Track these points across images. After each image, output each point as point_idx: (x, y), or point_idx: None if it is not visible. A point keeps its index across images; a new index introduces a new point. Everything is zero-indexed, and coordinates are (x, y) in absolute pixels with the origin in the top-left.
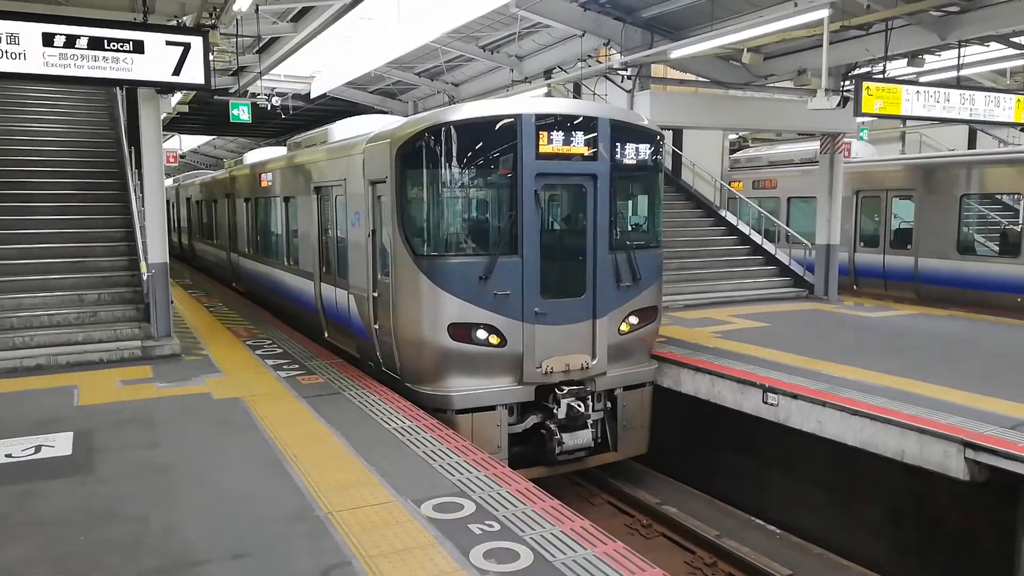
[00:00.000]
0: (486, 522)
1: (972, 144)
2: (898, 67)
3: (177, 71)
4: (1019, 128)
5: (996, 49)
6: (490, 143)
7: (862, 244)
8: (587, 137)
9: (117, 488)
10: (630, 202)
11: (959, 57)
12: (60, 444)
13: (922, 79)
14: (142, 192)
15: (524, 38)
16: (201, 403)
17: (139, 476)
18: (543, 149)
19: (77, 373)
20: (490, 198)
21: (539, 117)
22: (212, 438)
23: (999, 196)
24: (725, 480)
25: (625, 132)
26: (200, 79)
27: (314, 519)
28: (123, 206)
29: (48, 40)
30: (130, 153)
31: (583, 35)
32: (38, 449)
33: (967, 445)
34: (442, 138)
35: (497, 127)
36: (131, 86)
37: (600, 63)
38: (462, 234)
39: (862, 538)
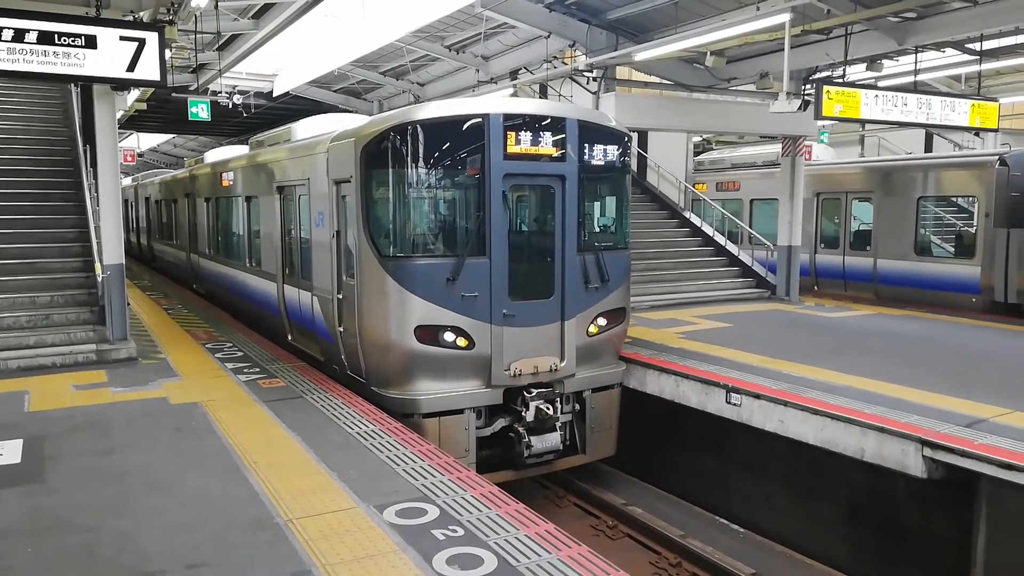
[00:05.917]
0: (450, 527)
1: (928, 147)
2: (858, 72)
3: (131, 67)
4: (973, 132)
5: (951, 55)
6: (457, 143)
7: (823, 245)
8: (555, 138)
9: (68, 497)
10: (598, 203)
11: (916, 62)
12: (9, 452)
13: (881, 84)
14: (97, 191)
15: (490, 38)
16: (158, 408)
17: (92, 484)
18: (511, 149)
19: (28, 378)
20: (457, 199)
21: (507, 117)
22: (169, 444)
23: (954, 199)
24: (690, 480)
25: (593, 133)
26: (155, 76)
27: (273, 526)
28: (78, 206)
29: None
30: (85, 151)
31: (549, 36)
32: None
33: (925, 443)
34: (408, 137)
35: (464, 127)
36: (83, 82)
37: (566, 64)
38: (429, 235)
39: (824, 536)
